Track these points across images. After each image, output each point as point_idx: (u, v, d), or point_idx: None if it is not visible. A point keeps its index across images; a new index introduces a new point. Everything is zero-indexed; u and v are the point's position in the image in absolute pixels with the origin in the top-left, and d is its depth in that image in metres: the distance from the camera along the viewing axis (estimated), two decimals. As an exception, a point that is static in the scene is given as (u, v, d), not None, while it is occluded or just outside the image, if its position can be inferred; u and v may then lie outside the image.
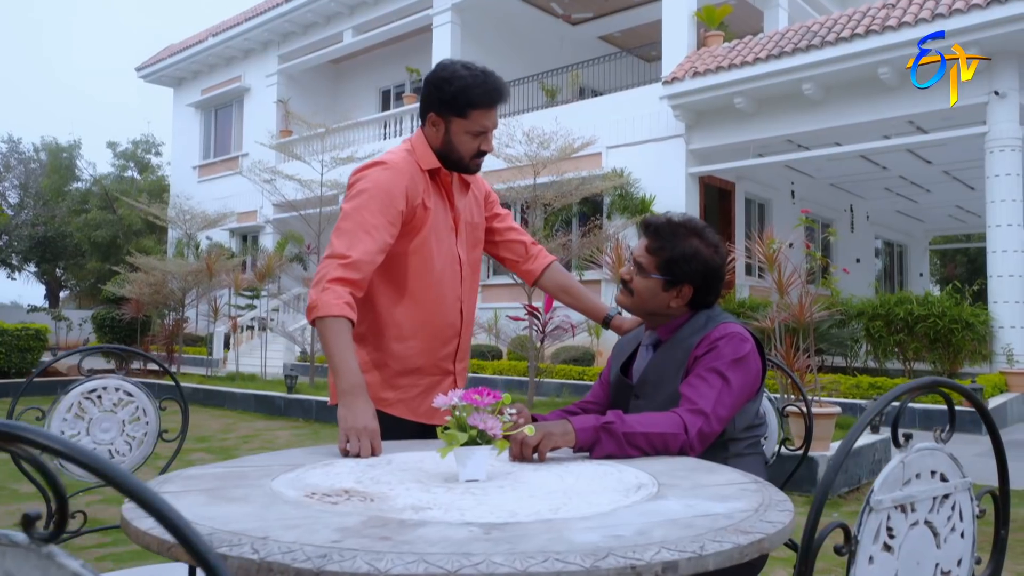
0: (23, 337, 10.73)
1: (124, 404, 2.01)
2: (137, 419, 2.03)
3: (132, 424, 2.02)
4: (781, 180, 14.13)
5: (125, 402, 2.02)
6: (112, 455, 1.97)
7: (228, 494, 1.18)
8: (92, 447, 1.94)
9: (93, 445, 1.94)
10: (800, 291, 5.42)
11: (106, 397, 1.98)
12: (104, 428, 1.97)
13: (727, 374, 1.69)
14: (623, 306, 1.91)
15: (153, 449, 2.05)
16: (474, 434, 1.33)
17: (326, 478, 1.33)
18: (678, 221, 1.85)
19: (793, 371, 5.30)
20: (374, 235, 1.78)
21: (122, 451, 1.99)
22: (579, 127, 11.99)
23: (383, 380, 1.92)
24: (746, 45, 11.09)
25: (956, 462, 0.92)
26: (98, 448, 1.95)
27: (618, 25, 16.51)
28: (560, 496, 1.21)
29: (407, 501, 1.15)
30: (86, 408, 1.93)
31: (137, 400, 2.04)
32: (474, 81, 1.86)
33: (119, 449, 1.99)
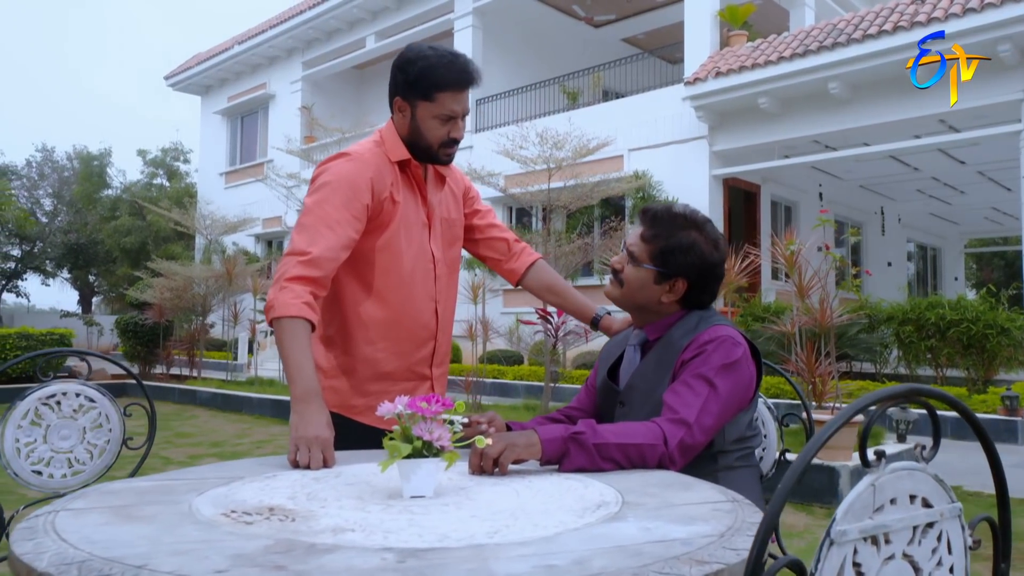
0: (47, 342, 10.87)
1: (85, 410, 1.93)
2: (99, 426, 1.94)
3: (94, 431, 1.93)
4: (808, 182, 13.83)
5: (87, 408, 1.93)
6: (71, 464, 1.88)
7: (137, 512, 1.07)
8: (50, 455, 1.86)
9: (51, 453, 1.86)
10: (820, 294, 5.22)
11: (65, 403, 1.90)
12: (63, 435, 1.88)
13: (715, 381, 1.55)
14: (611, 297, 1.78)
15: (116, 458, 1.96)
16: (419, 446, 1.21)
17: (259, 493, 1.22)
18: (678, 211, 1.72)
19: (814, 377, 5.12)
20: (337, 230, 1.67)
21: (82, 459, 1.90)
22: (601, 130, 11.84)
23: (352, 386, 1.81)
24: (770, 44, 10.86)
25: (943, 484, 0.78)
26: (56, 457, 1.87)
27: (641, 27, 16.33)
28: (506, 516, 1.08)
29: (331, 521, 1.04)
30: (43, 414, 1.85)
31: (99, 406, 1.95)
32: (440, 61, 1.74)
33: (79, 457, 1.90)
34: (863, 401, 0.73)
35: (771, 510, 0.70)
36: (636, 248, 1.71)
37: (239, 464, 1.50)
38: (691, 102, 11.19)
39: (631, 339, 1.80)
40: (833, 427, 0.72)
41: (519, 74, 15.11)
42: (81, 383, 1.94)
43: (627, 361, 1.79)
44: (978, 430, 0.83)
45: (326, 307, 1.84)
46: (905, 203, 17.09)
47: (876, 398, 0.73)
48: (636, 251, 1.71)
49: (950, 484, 0.81)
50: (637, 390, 1.71)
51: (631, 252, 1.72)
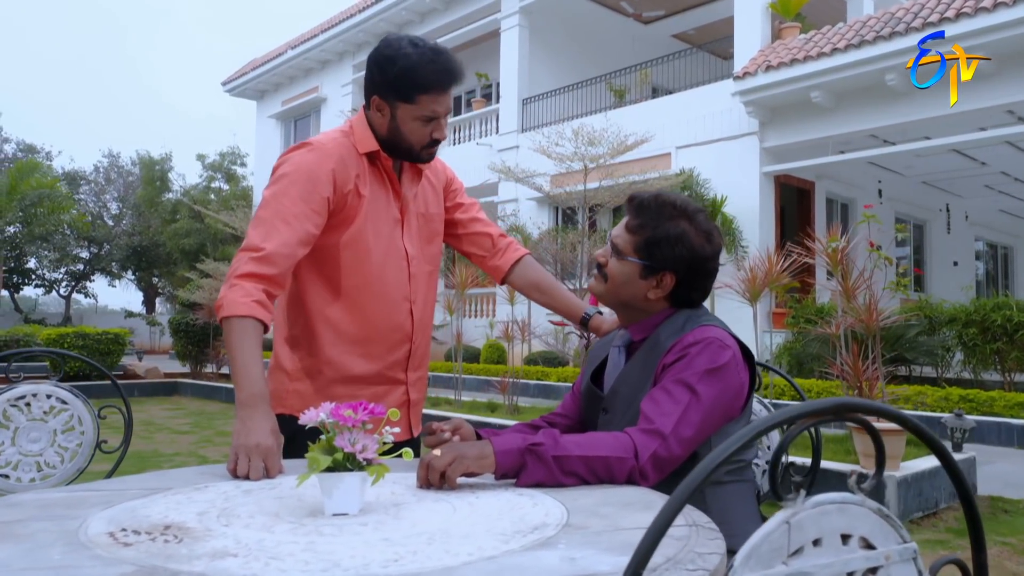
0: (103, 341, 11.19)
1: (56, 412, 1.87)
2: (71, 428, 1.89)
3: (65, 434, 1.88)
4: (866, 178, 13.30)
5: (58, 410, 1.88)
6: (41, 467, 1.83)
7: (20, 530, 0.99)
8: (18, 458, 1.81)
9: (19, 456, 1.81)
10: (867, 294, 4.93)
11: (35, 404, 1.85)
12: (32, 438, 1.83)
13: (697, 387, 1.40)
14: (595, 293, 1.64)
15: (89, 461, 1.90)
16: (340, 458, 1.09)
17: (171, 508, 1.12)
18: (667, 199, 1.56)
19: (860, 381, 4.84)
20: (293, 224, 1.57)
21: (52, 463, 1.85)
22: (648, 127, 11.60)
23: (317, 389, 1.70)
24: (824, 36, 10.45)
25: (890, 520, 0.62)
26: (25, 460, 1.82)
27: (692, 22, 15.97)
28: (421, 540, 0.96)
29: (219, 544, 0.93)
30: (12, 416, 1.80)
31: (72, 408, 1.89)
32: (422, 60, 1.61)
33: (49, 461, 1.85)
34: (778, 416, 0.59)
35: (641, 546, 0.56)
36: (620, 240, 1.57)
37: (178, 473, 1.41)
38: (740, 97, 10.85)
39: (616, 340, 1.66)
40: (740, 441, 0.58)
41: (566, 73, 14.94)
42: (54, 384, 1.89)
43: (611, 364, 1.65)
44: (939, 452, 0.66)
45: (291, 306, 1.75)
46: (972, 199, 16.30)
47: (795, 414, 0.58)
48: (620, 243, 1.56)
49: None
50: (621, 395, 1.57)
51: (615, 244, 1.58)
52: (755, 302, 5.34)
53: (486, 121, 15.82)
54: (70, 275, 29.01)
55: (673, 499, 0.56)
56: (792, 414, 0.59)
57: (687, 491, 0.56)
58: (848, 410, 0.60)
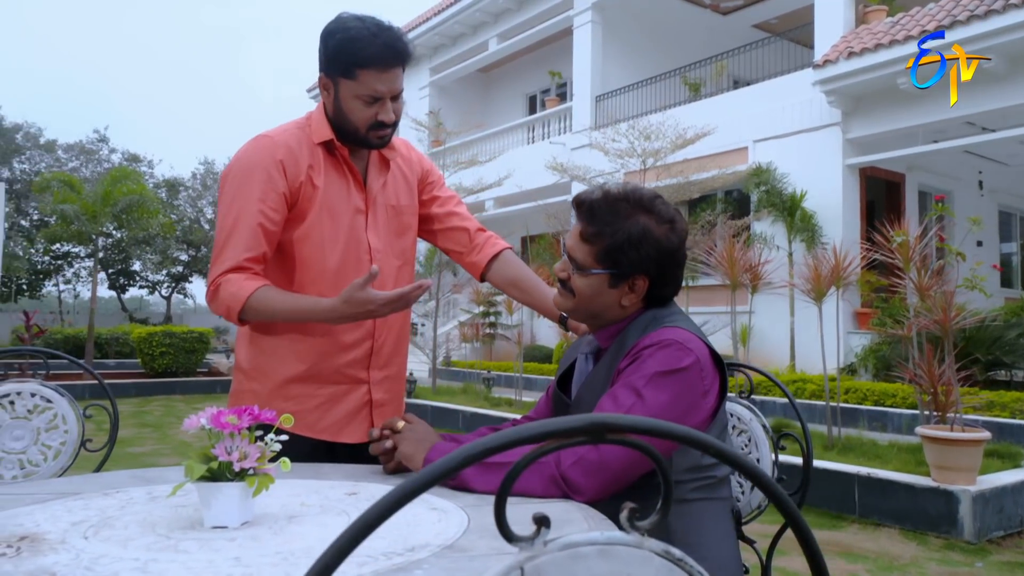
0: (188, 340, 11.65)
1: (40, 410, 1.89)
2: (55, 427, 1.89)
3: (49, 432, 1.89)
4: (964, 169, 12.44)
5: (42, 408, 1.89)
6: (23, 465, 1.85)
7: None
8: (0, 456, 1.83)
9: (1, 454, 1.83)
10: (937, 291, 4.55)
11: (19, 403, 1.86)
12: (16, 436, 1.85)
13: (643, 391, 1.26)
14: (563, 309, 1.50)
15: (73, 460, 1.91)
16: (215, 467, 1.02)
17: (56, 515, 1.08)
18: (617, 195, 1.41)
19: (934, 387, 4.48)
20: (248, 221, 1.56)
21: (35, 461, 1.86)
22: (724, 120, 11.21)
23: (272, 389, 1.64)
24: (912, 18, 9.82)
25: (683, 565, 0.48)
26: (7, 458, 1.84)
27: (774, 11, 15.34)
28: (275, 559, 0.87)
29: (49, 560, 0.87)
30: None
31: (56, 407, 1.90)
32: (362, 34, 1.53)
33: (32, 459, 1.86)
34: (510, 435, 0.47)
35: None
36: (578, 252, 1.41)
37: (113, 476, 1.37)
38: (821, 87, 10.31)
39: (582, 346, 1.53)
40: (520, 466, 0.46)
41: (640, 68, 14.62)
42: (39, 383, 1.90)
43: (578, 370, 1.52)
44: (761, 484, 0.52)
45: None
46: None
47: (536, 432, 0.46)
48: (579, 256, 1.41)
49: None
50: (584, 402, 1.44)
51: (573, 259, 1.43)
52: (819, 301, 5.02)
53: (561, 119, 15.66)
54: (170, 277, 30.52)
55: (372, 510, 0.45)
56: (533, 432, 0.47)
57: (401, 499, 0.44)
58: (606, 430, 0.47)
